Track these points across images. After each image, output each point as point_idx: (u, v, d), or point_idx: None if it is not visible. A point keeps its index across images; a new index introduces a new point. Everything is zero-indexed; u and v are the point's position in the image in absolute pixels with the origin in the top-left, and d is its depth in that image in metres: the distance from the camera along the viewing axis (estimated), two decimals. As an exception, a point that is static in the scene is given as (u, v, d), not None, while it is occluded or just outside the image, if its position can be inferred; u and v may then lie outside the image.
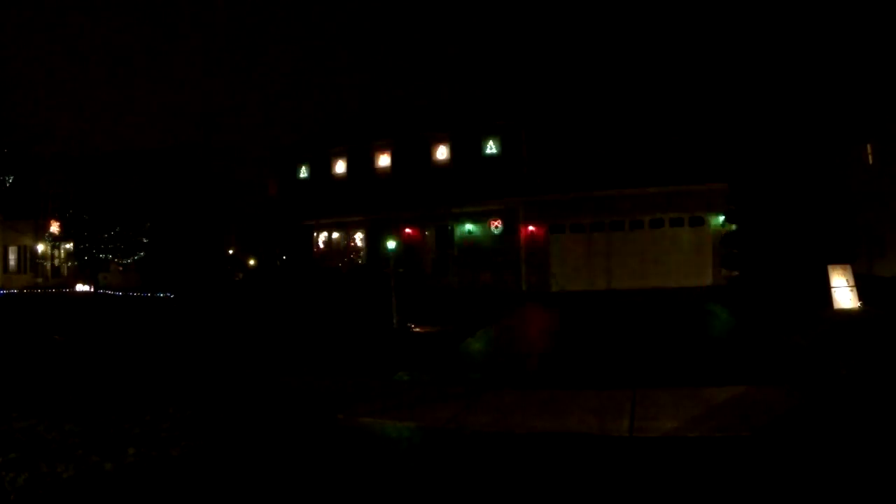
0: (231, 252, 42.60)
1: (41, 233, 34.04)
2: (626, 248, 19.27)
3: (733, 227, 17.21)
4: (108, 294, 22.64)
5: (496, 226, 20.87)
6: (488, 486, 4.61)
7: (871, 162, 21.57)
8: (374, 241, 22.94)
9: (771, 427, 5.44)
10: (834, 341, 9.20)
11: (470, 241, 21.08)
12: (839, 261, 13.64)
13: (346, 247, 23.95)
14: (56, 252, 34.02)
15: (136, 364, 10.21)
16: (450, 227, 21.49)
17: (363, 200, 23.42)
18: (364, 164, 24.45)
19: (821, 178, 25.47)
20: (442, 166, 22.81)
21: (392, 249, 13.68)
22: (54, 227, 21.46)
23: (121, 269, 30.08)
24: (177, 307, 18.34)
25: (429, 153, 23.05)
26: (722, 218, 17.92)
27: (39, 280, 34.39)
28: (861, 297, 12.80)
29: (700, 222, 18.72)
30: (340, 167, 24.99)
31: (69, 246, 20.68)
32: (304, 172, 25.89)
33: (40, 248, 34.27)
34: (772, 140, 25.98)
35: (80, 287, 27.51)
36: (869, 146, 21.66)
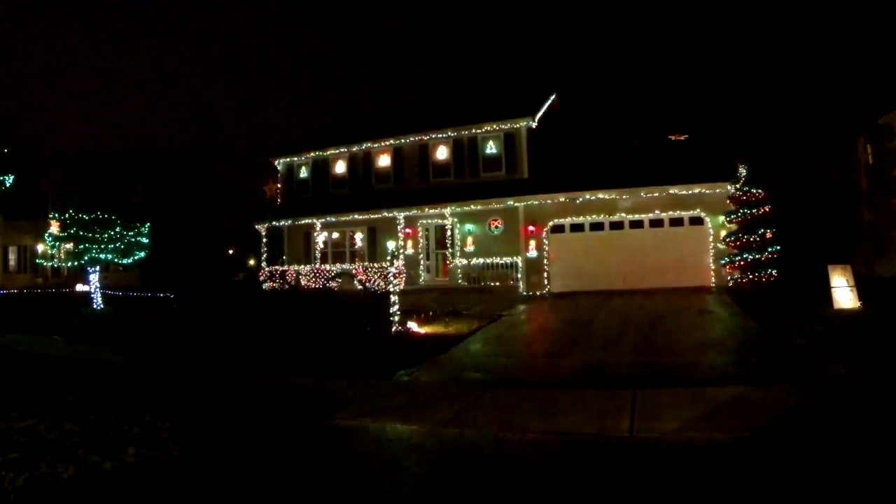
0: (231, 252, 42.63)
1: (41, 233, 33.99)
2: (626, 248, 19.25)
3: (733, 227, 17.19)
4: (107, 294, 22.60)
5: (496, 226, 20.87)
6: (489, 486, 4.61)
7: (871, 162, 21.57)
8: (374, 241, 22.93)
9: (771, 427, 5.44)
10: (834, 341, 9.19)
11: (470, 242, 21.07)
12: (839, 261, 13.65)
13: (346, 247, 23.95)
14: (56, 252, 34.03)
15: (137, 363, 10.20)
16: (449, 227, 21.48)
17: (363, 200, 23.41)
18: (364, 164, 24.45)
19: (821, 178, 25.52)
20: (442, 166, 22.80)
21: (392, 249, 13.69)
22: (54, 227, 21.40)
23: (121, 269, 30.05)
24: (178, 307, 18.31)
25: (429, 153, 23.06)
26: (722, 218, 17.90)
27: (39, 280, 34.38)
28: (861, 297, 12.79)
29: (700, 222, 18.70)
30: (340, 167, 24.99)
31: (69, 246, 20.64)
32: (304, 172, 25.89)
33: (40, 248, 34.24)
34: (772, 140, 25.98)
35: (79, 287, 27.50)
36: (869, 146, 21.67)
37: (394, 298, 12.78)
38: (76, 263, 21.45)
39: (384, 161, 24.04)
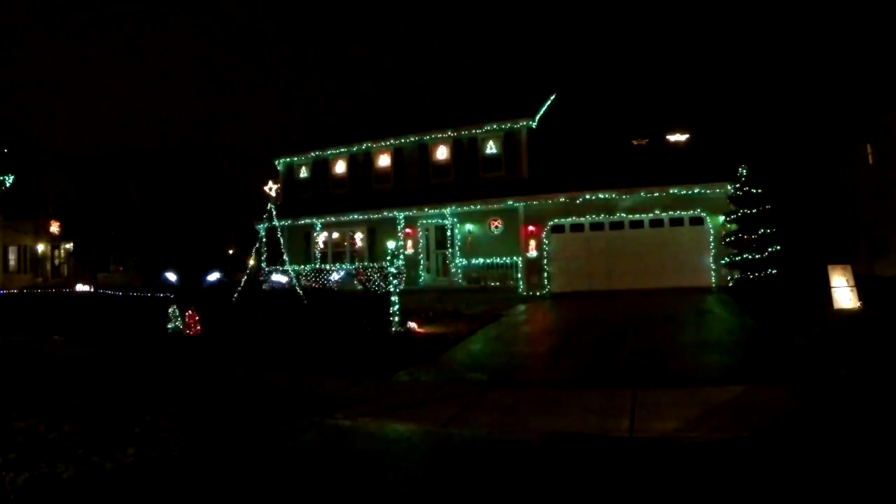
0: (231, 252, 42.59)
1: (41, 233, 34.00)
2: (626, 248, 19.25)
3: (733, 227, 17.19)
4: (107, 294, 22.62)
5: (496, 226, 20.87)
6: (490, 486, 4.61)
7: (871, 162, 21.57)
8: (374, 241, 22.93)
9: (771, 427, 5.44)
10: (834, 341, 9.19)
11: (470, 242, 21.07)
12: (839, 261, 13.65)
13: (346, 247, 23.95)
14: (56, 252, 34.03)
15: (137, 363, 10.20)
16: (449, 227, 21.48)
17: (363, 200, 23.42)
18: (364, 164, 24.45)
19: (821, 178, 25.51)
20: (442, 166, 22.80)
21: (392, 249, 13.71)
22: (54, 227, 21.48)
23: (121, 269, 30.07)
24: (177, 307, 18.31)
25: (429, 153, 23.05)
26: (722, 218, 17.90)
27: (39, 280, 34.39)
28: (861, 297, 12.80)
29: (700, 222, 18.70)
30: (340, 167, 24.99)
31: (69, 246, 20.69)
32: (304, 172, 25.89)
33: (40, 248, 34.24)
34: (773, 141, 25.98)
35: (80, 287, 27.52)
36: (869, 146, 21.67)
37: (394, 298, 12.78)
38: (76, 263, 21.46)
39: (384, 161, 24.04)
